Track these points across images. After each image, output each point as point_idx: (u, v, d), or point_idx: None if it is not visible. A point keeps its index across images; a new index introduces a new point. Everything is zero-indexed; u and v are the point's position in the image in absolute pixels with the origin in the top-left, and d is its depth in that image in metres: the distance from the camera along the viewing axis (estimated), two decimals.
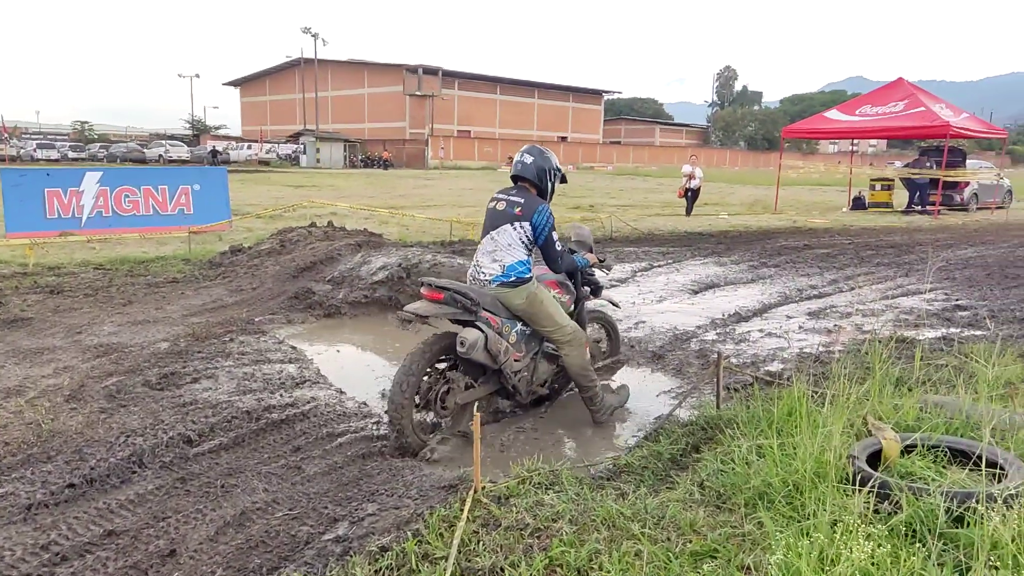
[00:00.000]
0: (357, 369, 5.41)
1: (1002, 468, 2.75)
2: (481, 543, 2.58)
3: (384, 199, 21.32)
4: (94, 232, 11.01)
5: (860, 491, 2.56)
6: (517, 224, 3.97)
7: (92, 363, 5.04)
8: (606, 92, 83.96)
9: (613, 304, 5.55)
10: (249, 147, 58.15)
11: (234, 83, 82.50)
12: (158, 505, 3.13)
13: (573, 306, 4.59)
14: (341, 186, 28.33)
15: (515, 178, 4.16)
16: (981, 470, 2.73)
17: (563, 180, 4.31)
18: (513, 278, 3.99)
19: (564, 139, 73.81)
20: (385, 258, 7.83)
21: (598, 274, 5.03)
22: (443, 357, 3.98)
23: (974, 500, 2.39)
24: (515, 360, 4.08)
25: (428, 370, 3.92)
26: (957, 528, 2.39)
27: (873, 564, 2.17)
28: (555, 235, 4.05)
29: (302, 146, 56.83)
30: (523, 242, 4.00)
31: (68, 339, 5.68)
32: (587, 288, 4.76)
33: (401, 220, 14.72)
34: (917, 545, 2.32)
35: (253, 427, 3.97)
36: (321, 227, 10.19)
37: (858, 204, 21.65)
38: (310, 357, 5.51)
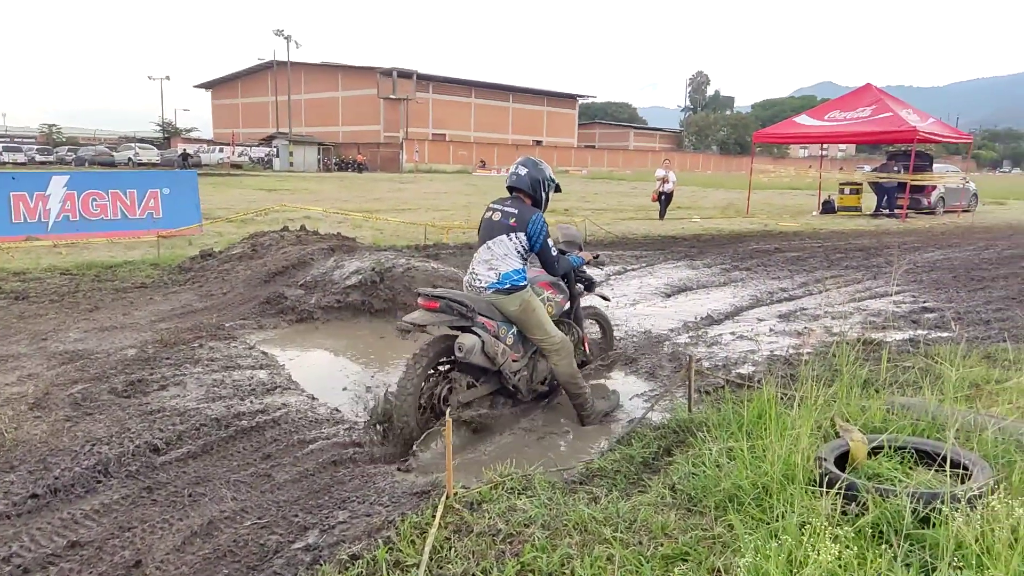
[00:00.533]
0: (329, 375, 5.35)
1: (966, 468, 2.80)
2: (453, 550, 2.57)
3: (358, 203, 21.21)
4: (61, 237, 10.82)
5: (828, 493, 2.60)
6: (512, 235, 4.10)
7: (57, 370, 4.94)
8: (580, 96, 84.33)
9: (603, 298, 5.66)
10: (221, 150, 57.43)
11: (206, 85, 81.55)
12: (124, 515, 3.07)
13: (568, 304, 4.69)
14: (315, 190, 28.10)
15: (510, 188, 4.27)
16: (946, 471, 2.77)
17: (557, 190, 4.47)
18: (508, 285, 4.10)
19: (539, 143, 73.98)
20: (358, 262, 7.77)
21: (592, 270, 5.13)
22: (445, 359, 4.09)
23: (939, 501, 2.43)
24: (513, 361, 4.19)
25: (431, 371, 4.03)
26: (923, 529, 2.42)
27: (840, 566, 2.20)
28: (550, 242, 4.22)
29: (275, 149, 56.28)
30: (518, 252, 4.13)
31: (33, 346, 5.57)
32: (581, 285, 4.89)
33: (375, 224, 14.65)
34: (884, 546, 2.35)
35: (222, 434, 3.92)
36: (294, 231, 10.10)
37: (827, 208, 21.97)
38: (281, 363, 5.45)
